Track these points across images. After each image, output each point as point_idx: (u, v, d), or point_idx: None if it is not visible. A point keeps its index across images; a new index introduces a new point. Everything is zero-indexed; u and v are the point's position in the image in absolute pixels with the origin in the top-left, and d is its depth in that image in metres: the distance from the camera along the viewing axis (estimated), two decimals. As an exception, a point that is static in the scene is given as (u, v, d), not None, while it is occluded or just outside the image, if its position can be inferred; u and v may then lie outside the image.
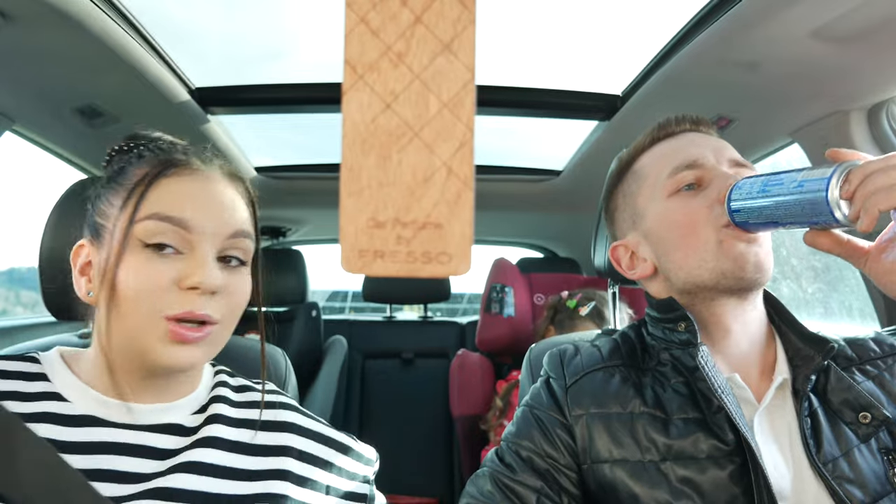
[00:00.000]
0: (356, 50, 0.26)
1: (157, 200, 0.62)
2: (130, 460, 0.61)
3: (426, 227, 0.26)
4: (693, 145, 0.77)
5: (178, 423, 0.66)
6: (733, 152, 0.77)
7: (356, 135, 0.26)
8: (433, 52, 0.26)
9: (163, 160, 0.65)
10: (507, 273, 2.06)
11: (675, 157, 0.76)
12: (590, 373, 0.77)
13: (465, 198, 0.26)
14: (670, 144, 0.79)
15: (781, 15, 0.93)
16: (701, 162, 0.74)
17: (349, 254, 0.26)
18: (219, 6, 1.33)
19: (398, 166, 0.26)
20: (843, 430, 0.67)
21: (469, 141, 0.26)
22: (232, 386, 0.74)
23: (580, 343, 0.85)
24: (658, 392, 0.72)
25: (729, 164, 0.75)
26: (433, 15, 0.26)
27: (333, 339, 2.37)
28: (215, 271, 0.62)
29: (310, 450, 0.71)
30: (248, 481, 0.65)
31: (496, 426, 1.80)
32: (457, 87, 0.26)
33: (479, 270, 2.19)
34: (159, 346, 0.61)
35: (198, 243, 0.62)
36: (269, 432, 0.70)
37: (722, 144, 0.78)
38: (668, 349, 0.76)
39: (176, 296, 0.61)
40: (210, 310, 0.62)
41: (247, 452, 0.67)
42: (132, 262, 0.60)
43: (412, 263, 0.26)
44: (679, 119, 0.81)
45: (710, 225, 0.71)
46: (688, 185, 0.74)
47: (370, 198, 0.26)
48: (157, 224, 0.61)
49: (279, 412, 0.73)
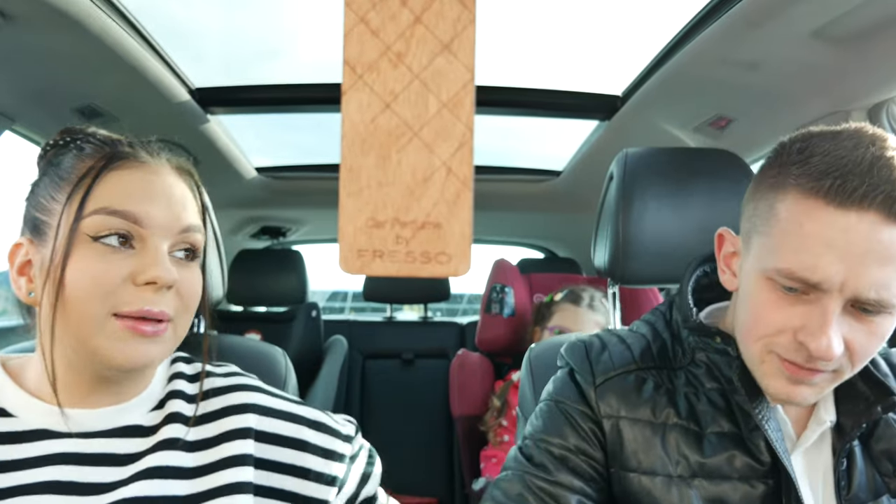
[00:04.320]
0: (356, 50, 0.26)
1: (105, 194, 0.59)
2: (91, 470, 0.60)
3: (425, 226, 0.26)
4: (836, 254, 0.56)
5: (135, 424, 0.64)
6: (872, 289, 0.56)
7: (356, 135, 0.26)
8: (433, 53, 0.26)
9: (108, 153, 0.62)
10: (507, 273, 2.06)
11: (803, 256, 0.58)
12: (620, 374, 0.71)
13: (465, 198, 0.26)
14: (826, 221, 0.57)
15: (781, 15, 0.93)
16: (824, 287, 0.57)
17: (348, 254, 0.26)
18: (218, 6, 1.33)
19: (398, 166, 0.26)
20: (876, 477, 0.65)
21: (468, 141, 0.26)
22: (188, 376, 0.71)
23: (606, 337, 0.78)
24: (692, 401, 0.69)
25: (845, 302, 0.58)
26: (433, 15, 0.26)
27: (333, 339, 2.37)
28: (170, 265, 0.60)
29: (273, 429, 0.68)
30: (209, 474, 0.63)
31: (495, 426, 1.81)
32: (456, 88, 0.26)
33: (479, 270, 2.19)
34: (112, 346, 0.58)
35: (149, 237, 0.60)
36: (227, 417, 0.67)
37: (873, 263, 0.56)
38: (703, 350, 0.70)
39: (129, 293, 0.58)
40: (165, 306, 0.59)
41: (206, 446, 0.65)
42: (81, 259, 0.57)
43: (411, 263, 0.26)
44: (867, 194, 0.56)
45: (763, 342, 0.62)
46: (789, 288, 0.60)
47: (369, 198, 0.26)
48: (105, 219, 0.58)
49: (237, 395, 0.70)
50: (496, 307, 2.00)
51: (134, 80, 1.25)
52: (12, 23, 0.99)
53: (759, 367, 0.64)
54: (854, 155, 0.57)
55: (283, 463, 0.68)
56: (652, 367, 0.72)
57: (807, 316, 0.59)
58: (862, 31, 0.93)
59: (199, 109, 1.53)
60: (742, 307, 0.66)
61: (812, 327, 0.58)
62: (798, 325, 0.59)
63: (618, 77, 1.49)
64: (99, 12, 1.03)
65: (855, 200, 0.56)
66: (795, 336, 0.60)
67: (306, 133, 2.02)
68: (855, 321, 0.59)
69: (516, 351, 1.93)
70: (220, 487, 0.63)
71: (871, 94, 1.11)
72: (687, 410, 0.68)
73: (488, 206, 2.35)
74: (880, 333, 0.60)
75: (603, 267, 1.05)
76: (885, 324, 0.59)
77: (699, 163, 1.02)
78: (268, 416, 0.69)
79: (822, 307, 0.58)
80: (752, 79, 1.15)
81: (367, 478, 0.74)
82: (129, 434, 0.63)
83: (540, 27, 1.39)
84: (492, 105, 1.58)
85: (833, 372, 0.61)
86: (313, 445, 0.69)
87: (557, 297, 1.79)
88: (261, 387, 0.73)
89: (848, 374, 0.62)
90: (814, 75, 1.08)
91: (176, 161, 0.68)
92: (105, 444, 0.62)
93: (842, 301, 0.57)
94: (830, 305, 0.57)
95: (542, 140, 2.05)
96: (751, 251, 0.65)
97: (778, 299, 0.61)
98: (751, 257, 0.65)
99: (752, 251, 0.65)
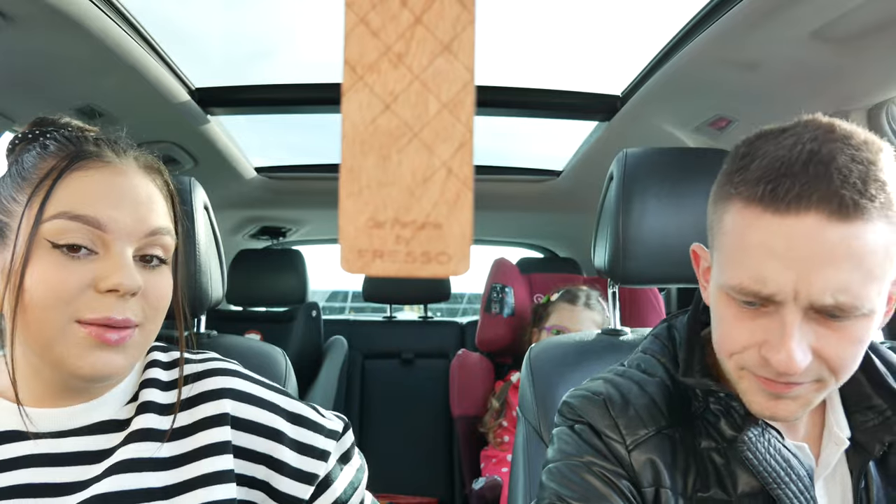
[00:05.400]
0: (356, 50, 0.26)
1: (66, 197, 0.57)
2: (64, 470, 0.58)
3: (425, 227, 0.26)
4: (782, 262, 0.53)
5: (108, 419, 0.62)
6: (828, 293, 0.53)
7: (356, 135, 0.26)
8: (433, 53, 0.26)
9: (71, 152, 0.59)
10: (507, 273, 2.06)
11: (750, 270, 0.55)
12: (652, 437, 0.65)
13: (465, 198, 0.26)
14: (766, 230, 0.54)
15: (781, 15, 0.93)
16: (777, 298, 0.54)
17: (348, 254, 0.26)
18: (219, 6, 1.33)
19: (398, 167, 0.26)
20: (893, 496, 0.63)
21: (469, 141, 0.26)
22: (163, 363, 0.68)
23: (622, 384, 0.70)
24: (717, 462, 0.63)
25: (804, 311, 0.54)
26: (433, 15, 0.26)
27: (333, 339, 2.37)
28: (134, 272, 0.57)
29: (248, 416, 0.66)
30: (187, 464, 0.62)
31: (494, 427, 1.81)
32: (456, 88, 0.26)
33: (479, 270, 2.19)
34: (75, 354, 0.56)
35: (112, 242, 0.57)
36: (203, 404, 0.65)
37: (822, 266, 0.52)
38: (713, 396, 0.64)
39: (91, 299, 0.56)
40: (130, 313, 0.57)
41: (183, 435, 0.63)
42: (41, 265, 0.55)
43: (411, 263, 0.26)
44: (801, 195, 0.52)
45: (734, 359, 0.60)
46: (748, 303, 0.57)
47: (369, 198, 0.26)
48: (66, 223, 0.56)
49: (212, 380, 0.67)
50: (496, 307, 2.00)
51: (134, 81, 1.25)
52: (12, 23, 0.99)
53: (738, 384, 0.61)
54: (790, 155, 0.54)
55: (257, 452, 0.65)
56: (677, 423, 0.66)
57: (768, 330, 0.56)
58: (862, 31, 0.93)
59: (199, 109, 1.53)
60: (713, 323, 0.63)
61: (773, 341, 0.55)
62: (761, 339, 0.56)
63: (618, 77, 1.49)
64: (99, 13, 1.03)
65: (791, 204, 0.52)
66: (760, 351, 0.56)
67: (306, 133, 2.02)
68: (822, 328, 0.55)
69: (516, 351, 1.93)
70: (200, 477, 0.61)
71: (870, 95, 1.11)
72: (714, 476, 0.63)
73: (488, 206, 2.35)
74: (854, 338, 0.55)
75: (603, 267, 1.05)
76: (857, 327, 0.55)
77: (699, 163, 1.02)
78: (243, 402, 0.66)
79: (780, 319, 0.55)
80: (752, 79, 1.15)
81: (357, 487, 0.71)
82: (103, 430, 0.61)
83: (540, 27, 1.39)
84: (492, 105, 1.58)
85: (815, 382, 0.57)
86: (289, 438, 0.66)
87: (554, 297, 1.79)
88: (239, 371, 0.70)
89: (834, 384, 0.57)
90: (814, 75, 1.08)
91: (144, 159, 0.65)
92: (77, 443, 0.60)
93: (799, 311, 0.54)
94: (788, 317, 0.54)
95: (542, 140, 2.05)
96: (713, 265, 0.63)
97: (739, 314, 0.58)
98: (713, 272, 0.63)
99: (714, 266, 0.62)
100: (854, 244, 0.52)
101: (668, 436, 0.65)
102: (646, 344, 0.76)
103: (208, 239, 0.98)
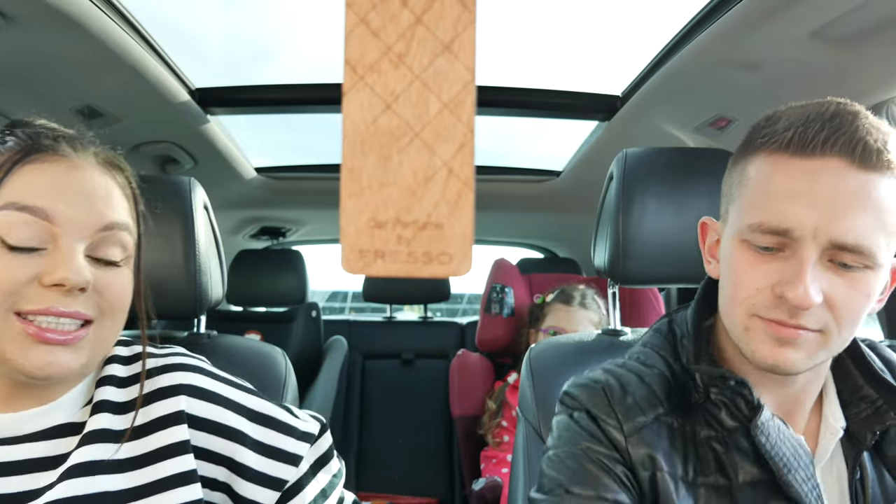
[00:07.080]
0: (356, 50, 0.26)
1: (16, 189, 0.56)
2: (17, 479, 0.56)
3: (427, 227, 0.26)
4: (805, 200, 0.56)
5: (64, 423, 0.59)
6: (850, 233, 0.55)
7: (356, 135, 0.26)
8: (433, 53, 0.26)
9: (26, 146, 0.59)
10: (507, 273, 2.06)
11: (772, 207, 0.58)
12: (650, 424, 0.65)
13: (466, 198, 0.26)
14: (792, 172, 0.58)
15: (781, 15, 0.93)
16: (796, 234, 0.57)
17: (350, 254, 0.26)
18: (219, 6, 1.33)
19: (399, 167, 0.26)
20: (889, 484, 0.64)
21: (469, 141, 0.26)
22: (123, 358, 0.66)
23: (622, 375, 0.70)
24: (717, 450, 0.63)
25: (821, 251, 0.56)
26: (433, 15, 0.26)
27: (333, 339, 2.37)
28: (82, 267, 0.55)
29: (203, 413, 0.63)
30: (146, 466, 0.59)
31: (492, 428, 1.80)
32: (457, 88, 0.26)
33: (479, 270, 2.19)
34: (17, 351, 0.54)
35: (62, 236, 0.56)
36: (160, 401, 0.63)
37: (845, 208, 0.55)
38: (716, 386, 0.65)
39: (34, 292, 0.54)
40: (80, 307, 0.55)
41: (139, 435, 0.61)
42: None
43: (412, 264, 0.26)
44: (828, 139, 0.56)
45: (744, 305, 0.61)
46: (765, 248, 0.59)
47: (370, 198, 0.26)
48: (13, 214, 0.54)
49: (169, 376, 0.64)
50: (496, 307, 2.00)
51: (134, 81, 1.25)
52: (12, 23, 0.99)
53: (744, 335, 0.61)
54: (819, 108, 0.58)
55: (217, 453, 0.63)
56: (677, 411, 0.66)
57: (783, 270, 0.58)
58: (862, 31, 0.93)
59: (199, 109, 1.53)
60: (723, 281, 0.64)
61: (788, 277, 0.57)
62: (775, 280, 0.58)
63: (618, 77, 1.49)
64: (99, 13, 1.03)
65: (816, 146, 0.56)
66: (774, 291, 0.58)
67: (306, 133, 2.02)
68: (835, 276, 0.57)
69: (516, 351, 1.93)
70: (162, 480, 0.59)
71: (871, 94, 1.11)
72: (715, 463, 0.63)
73: (488, 207, 2.35)
74: (863, 290, 0.57)
75: (603, 267, 1.05)
76: (867, 279, 0.57)
77: (699, 163, 1.02)
78: (200, 399, 0.64)
79: (797, 258, 0.57)
80: (752, 79, 1.15)
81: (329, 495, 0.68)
82: (58, 434, 0.59)
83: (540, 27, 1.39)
84: (492, 105, 1.58)
85: (819, 333, 0.58)
86: (252, 439, 0.64)
87: (549, 297, 1.78)
88: (200, 367, 0.67)
89: (836, 337, 0.59)
90: (814, 75, 1.08)
91: (104, 155, 0.63)
92: (30, 449, 0.57)
93: (818, 249, 0.56)
94: (806, 254, 0.56)
95: (542, 140, 2.05)
96: (728, 222, 0.65)
97: (754, 259, 0.60)
98: (727, 227, 0.64)
99: (729, 221, 0.64)
100: (873, 193, 0.55)
101: (666, 423, 0.65)
102: (646, 338, 0.76)
103: (208, 239, 0.97)
